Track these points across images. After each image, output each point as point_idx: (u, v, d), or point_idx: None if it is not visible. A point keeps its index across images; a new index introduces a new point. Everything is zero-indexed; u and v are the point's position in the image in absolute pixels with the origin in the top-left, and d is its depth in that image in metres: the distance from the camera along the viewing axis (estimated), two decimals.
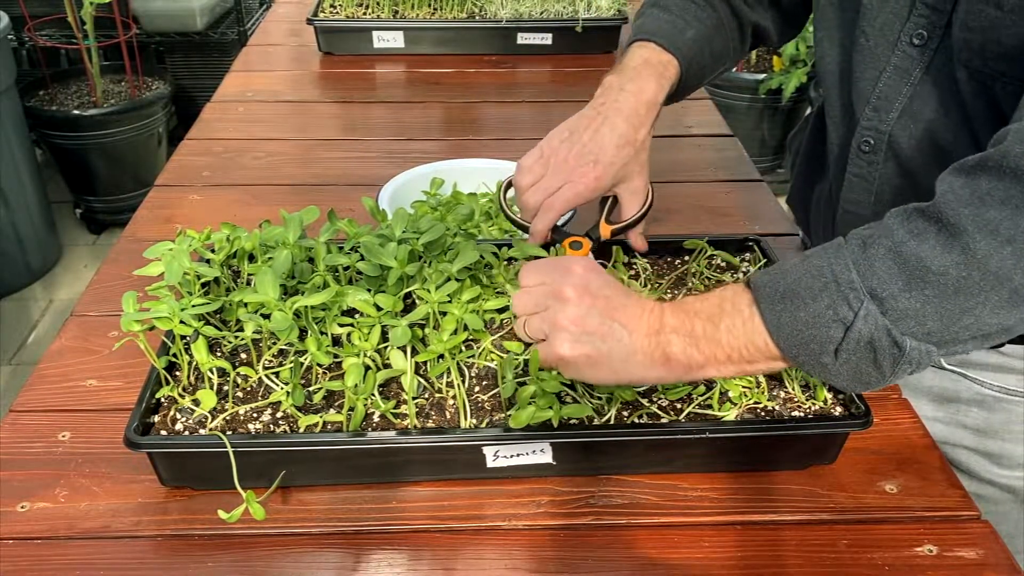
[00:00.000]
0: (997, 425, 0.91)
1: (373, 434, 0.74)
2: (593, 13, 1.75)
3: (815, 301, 0.63)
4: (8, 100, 2.44)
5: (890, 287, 0.61)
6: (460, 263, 0.84)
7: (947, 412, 0.94)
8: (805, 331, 0.64)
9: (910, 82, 0.80)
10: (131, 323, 0.75)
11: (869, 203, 0.88)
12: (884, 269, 0.62)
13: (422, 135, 1.44)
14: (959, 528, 0.75)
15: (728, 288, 0.70)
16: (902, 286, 0.61)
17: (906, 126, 0.82)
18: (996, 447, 0.92)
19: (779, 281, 0.66)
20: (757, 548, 0.73)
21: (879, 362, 0.63)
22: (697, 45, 0.96)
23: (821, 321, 0.63)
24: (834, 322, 0.63)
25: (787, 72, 2.87)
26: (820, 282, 0.64)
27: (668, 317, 0.70)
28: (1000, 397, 0.90)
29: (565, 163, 0.90)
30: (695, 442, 0.77)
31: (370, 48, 1.74)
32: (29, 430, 0.83)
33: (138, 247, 0.93)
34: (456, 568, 0.71)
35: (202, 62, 3.07)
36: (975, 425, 0.92)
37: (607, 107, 0.91)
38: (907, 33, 0.79)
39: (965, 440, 0.93)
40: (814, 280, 0.64)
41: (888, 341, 0.62)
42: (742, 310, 0.68)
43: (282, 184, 1.29)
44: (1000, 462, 0.92)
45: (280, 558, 0.72)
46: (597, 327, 0.70)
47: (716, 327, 0.68)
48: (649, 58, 0.94)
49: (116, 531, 0.73)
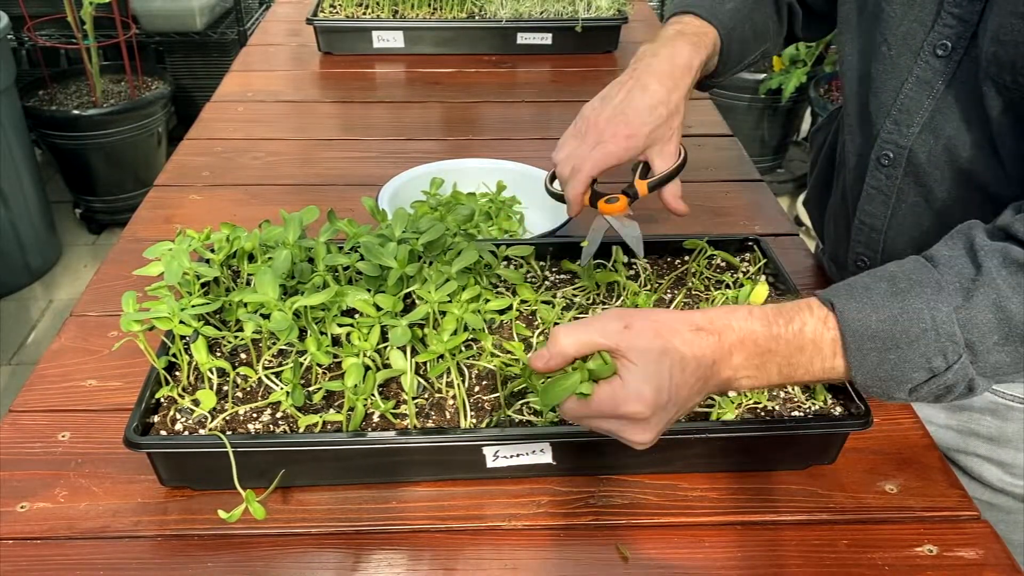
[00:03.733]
0: (1010, 434, 0.90)
1: (373, 434, 0.74)
2: (593, 13, 1.75)
3: (909, 347, 0.62)
4: (8, 100, 2.44)
5: (987, 342, 0.62)
6: (460, 263, 0.84)
7: (960, 420, 0.92)
8: (891, 371, 0.64)
9: (932, 95, 0.79)
10: (131, 323, 0.75)
11: (886, 216, 0.87)
12: (985, 323, 0.61)
13: (422, 135, 1.44)
14: (959, 528, 0.75)
15: (807, 322, 0.65)
16: (998, 340, 0.61)
17: (926, 141, 0.80)
18: (1008, 456, 0.91)
19: (870, 316, 0.63)
20: (757, 548, 0.73)
21: (942, 397, 0.64)
22: (739, 15, 0.94)
23: (910, 366, 0.63)
24: (923, 369, 0.63)
25: (787, 72, 2.87)
26: (919, 328, 0.62)
27: (740, 365, 0.65)
28: (1012, 406, 0.88)
29: (596, 127, 0.87)
30: (695, 442, 0.77)
31: (370, 48, 1.74)
32: (29, 430, 0.83)
33: (138, 247, 0.93)
34: (456, 568, 0.71)
35: (202, 62, 3.07)
36: (988, 434, 0.91)
37: (639, 71, 0.89)
38: (931, 43, 0.77)
39: (979, 449, 0.91)
40: (912, 324, 0.62)
41: (965, 385, 0.63)
42: (823, 349, 0.65)
43: (282, 184, 1.28)
44: (1012, 471, 0.91)
45: (280, 558, 0.72)
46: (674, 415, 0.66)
47: (794, 370, 0.66)
48: (684, 28, 0.92)
49: (116, 531, 0.73)
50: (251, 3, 3.22)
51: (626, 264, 0.97)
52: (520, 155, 1.26)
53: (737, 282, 0.95)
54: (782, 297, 0.92)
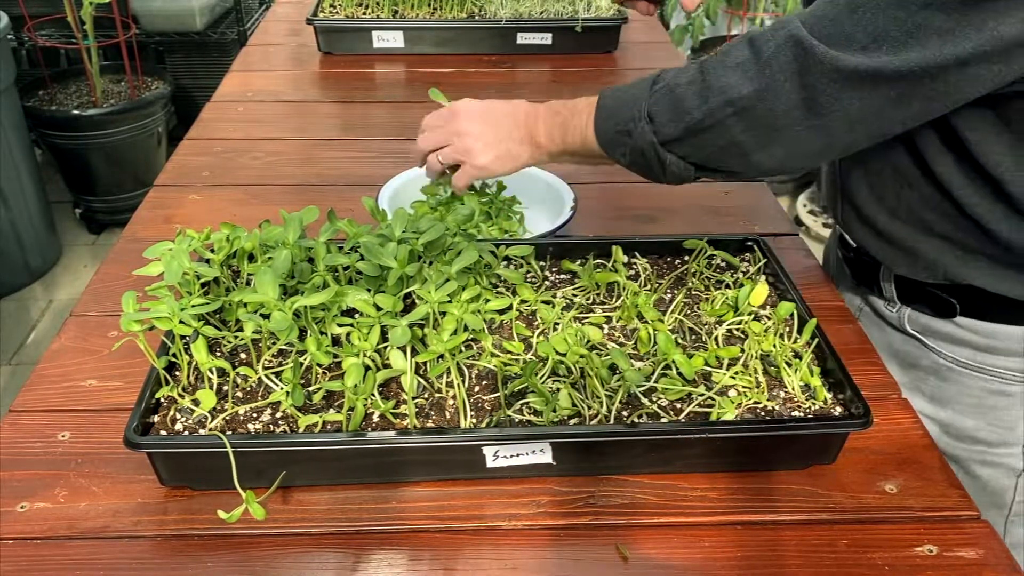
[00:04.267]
0: (949, 395, 0.94)
1: (373, 434, 0.74)
2: (593, 13, 1.75)
3: (618, 112, 0.86)
4: (8, 100, 2.44)
5: (660, 117, 0.82)
6: (460, 263, 0.84)
7: (910, 378, 0.98)
8: (607, 129, 0.88)
9: None
10: (131, 323, 0.75)
11: None
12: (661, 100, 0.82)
13: None
14: (959, 528, 0.75)
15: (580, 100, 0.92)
16: (670, 117, 0.81)
17: None
18: (947, 416, 0.95)
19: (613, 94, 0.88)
20: (757, 548, 0.73)
21: (640, 165, 0.87)
22: None
23: (614, 123, 0.87)
24: (622, 132, 0.86)
25: None
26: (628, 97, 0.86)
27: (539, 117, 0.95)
28: (953, 368, 0.93)
29: None
30: (695, 442, 0.77)
31: (370, 48, 1.74)
32: (29, 430, 0.83)
33: (138, 247, 0.93)
34: (456, 568, 0.71)
35: (202, 62, 3.07)
36: (931, 393, 0.96)
37: None
38: None
39: (925, 409, 0.95)
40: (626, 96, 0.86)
41: (654, 153, 0.84)
42: (583, 112, 0.90)
43: (282, 184, 1.29)
44: (948, 431, 0.95)
45: (280, 558, 0.72)
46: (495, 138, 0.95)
47: (570, 127, 0.92)
48: None
49: (116, 531, 0.73)
50: (251, 3, 3.22)
51: (626, 264, 0.97)
52: None
53: (737, 282, 0.95)
54: (782, 297, 0.93)
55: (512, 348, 0.84)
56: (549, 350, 0.82)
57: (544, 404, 0.76)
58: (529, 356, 0.84)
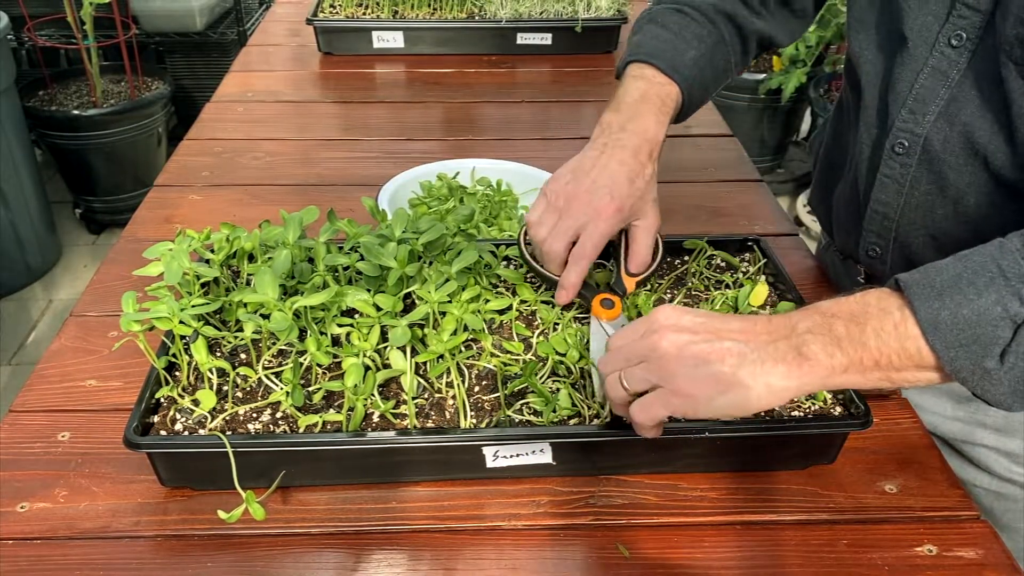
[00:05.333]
0: (1017, 423, 0.90)
1: (373, 434, 0.74)
2: (593, 13, 1.75)
3: (980, 297, 0.58)
4: (8, 100, 2.44)
5: None
6: (460, 263, 0.84)
7: (967, 411, 0.93)
8: (968, 330, 0.58)
9: (947, 84, 0.80)
10: (131, 323, 0.75)
11: (899, 204, 0.87)
12: None
13: (422, 135, 1.44)
14: (959, 528, 0.75)
15: (870, 292, 0.63)
16: None
17: (941, 128, 0.81)
18: (1015, 446, 0.91)
19: (935, 277, 0.60)
20: (757, 548, 0.73)
21: None
22: (698, 66, 0.95)
23: (987, 319, 0.57)
24: (1003, 319, 0.57)
25: (787, 72, 2.87)
26: (985, 277, 0.58)
27: (799, 320, 0.63)
28: None
29: (577, 200, 0.85)
30: (695, 442, 0.77)
31: (370, 48, 1.74)
32: (29, 430, 0.83)
33: (138, 247, 0.93)
34: (456, 568, 0.71)
35: (202, 62, 3.07)
36: (995, 424, 0.92)
37: (609, 145, 0.88)
38: (945, 34, 0.78)
39: (986, 439, 0.92)
40: (977, 275, 0.59)
41: None
42: (892, 312, 0.61)
43: (282, 184, 1.29)
44: (1019, 461, 0.91)
45: (280, 558, 0.72)
46: (709, 352, 0.63)
47: (862, 329, 0.61)
48: (647, 92, 0.92)
49: (116, 531, 0.73)
50: (251, 3, 3.22)
51: None
52: (520, 155, 1.27)
53: (737, 282, 0.95)
54: (782, 297, 0.92)
55: (512, 348, 0.84)
56: (549, 350, 0.82)
57: (544, 404, 0.76)
58: (529, 356, 0.84)
